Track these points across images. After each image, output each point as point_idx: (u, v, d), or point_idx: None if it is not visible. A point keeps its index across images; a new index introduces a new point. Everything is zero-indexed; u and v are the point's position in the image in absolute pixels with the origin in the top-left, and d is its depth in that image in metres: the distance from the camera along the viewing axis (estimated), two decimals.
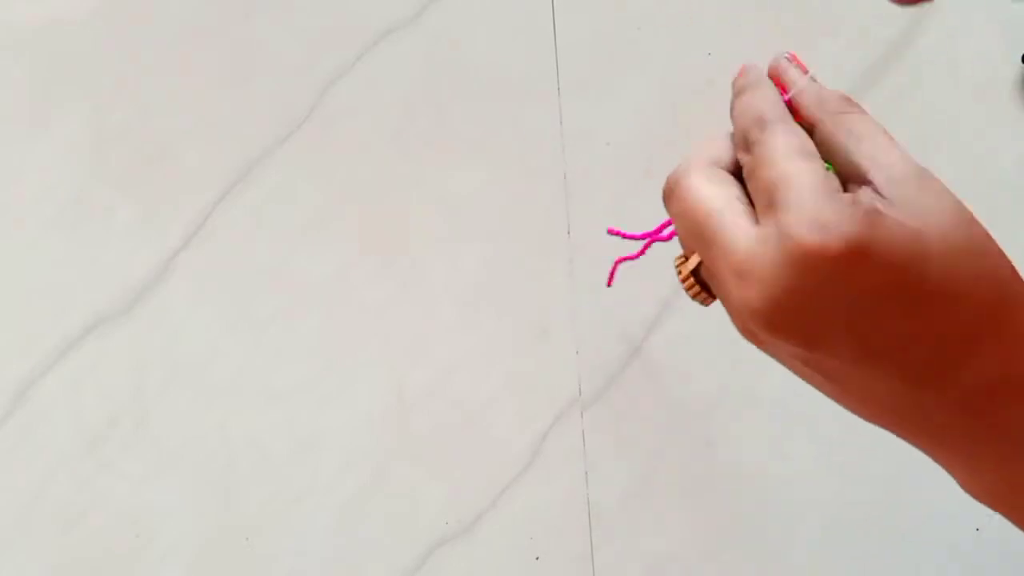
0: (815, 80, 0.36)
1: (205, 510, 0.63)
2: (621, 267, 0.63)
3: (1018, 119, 0.67)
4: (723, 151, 0.36)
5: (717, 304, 0.38)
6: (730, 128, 0.37)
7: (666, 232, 0.40)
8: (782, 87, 0.37)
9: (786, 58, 0.37)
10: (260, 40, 0.70)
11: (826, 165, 0.34)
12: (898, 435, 0.35)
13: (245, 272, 0.66)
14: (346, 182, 0.68)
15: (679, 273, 0.36)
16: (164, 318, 0.66)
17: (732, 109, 0.37)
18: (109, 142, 0.68)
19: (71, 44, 0.70)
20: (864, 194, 0.32)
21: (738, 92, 0.37)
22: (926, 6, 0.68)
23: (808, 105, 0.35)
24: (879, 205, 0.32)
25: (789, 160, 0.33)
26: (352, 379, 0.65)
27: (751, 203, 0.34)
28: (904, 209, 0.32)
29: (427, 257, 0.66)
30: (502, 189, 0.67)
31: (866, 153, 0.33)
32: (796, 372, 0.36)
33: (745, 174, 0.35)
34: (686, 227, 0.35)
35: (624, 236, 0.39)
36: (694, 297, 0.37)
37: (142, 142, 0.68)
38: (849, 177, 0.34)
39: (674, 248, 0.37)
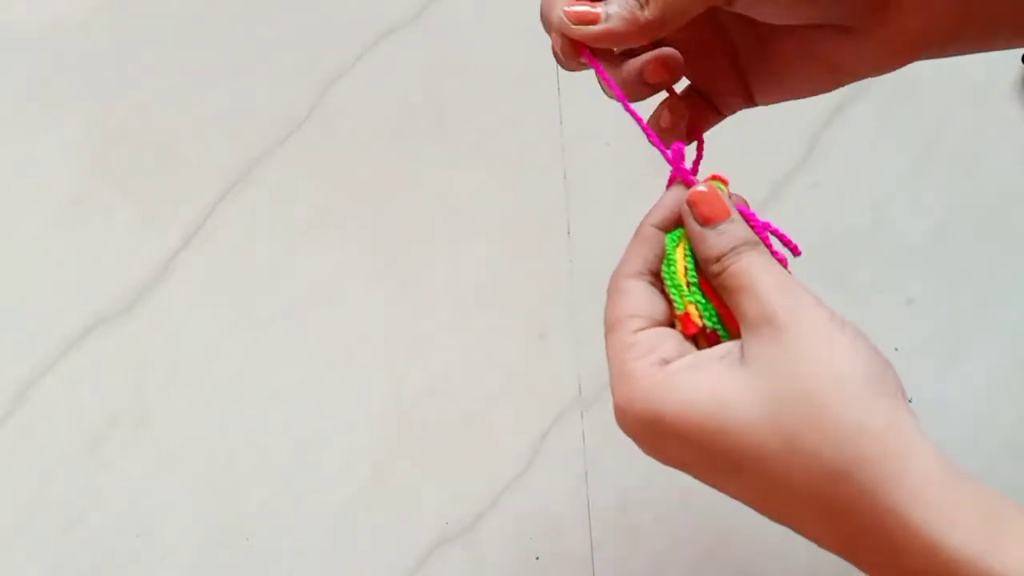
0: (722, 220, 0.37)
1: (205, 510, 0.63)
2: None
3: (1018, 119, 0.67)
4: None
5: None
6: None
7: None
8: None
9: (701, 188, 0.38)
10: (260, 40, 0.70)
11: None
12: None
13: (245, 272, 0.66)
14: (346, 182, 0.68)
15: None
16: (164, 318, 0.66)
17: None
18: (109, 142, 0.68)
19: (71, 44, 0.70)
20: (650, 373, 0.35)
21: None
22: None
23: (700, 258, 0.38)
24: (656, 384, 0.34)
25: (606, 334, 0.37)
26: (352, 379, 0.65)
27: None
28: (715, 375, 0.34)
29: (427, 257, 0.66)
30: (502, 189, 0.67)
31: (734, 307, 0.36)
32: None
33: None
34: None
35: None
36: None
37: (142, 142, 0.68)
38: None
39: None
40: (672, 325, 0.38)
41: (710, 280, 0.37)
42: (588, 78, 0.43)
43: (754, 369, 0.33)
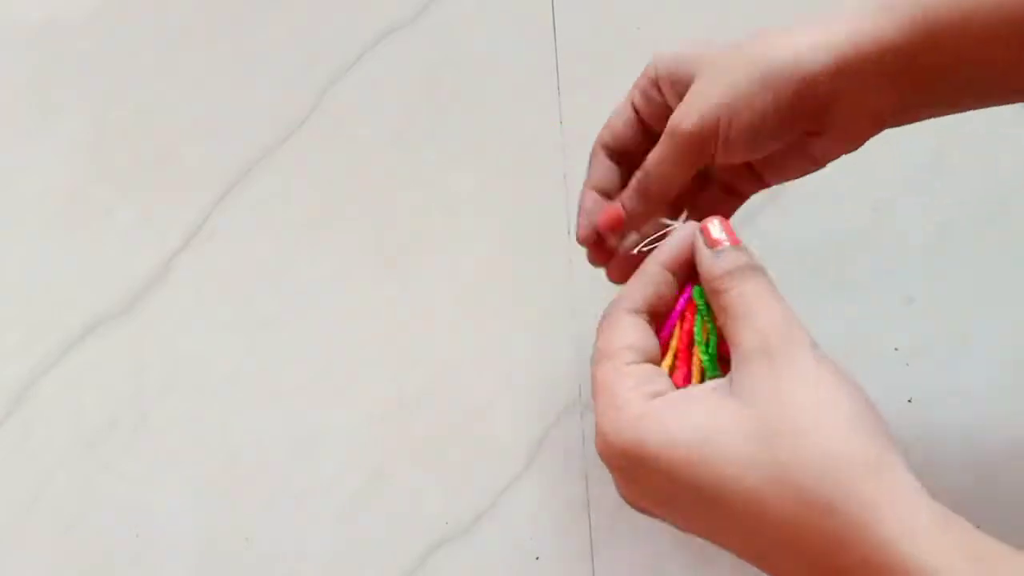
0: (720, 246, 0.40)
1: (205, 510, 0.63)
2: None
3: (1018, 119, 0.67)
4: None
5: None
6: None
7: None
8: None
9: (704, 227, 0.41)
10: (260, 40, 0.70)
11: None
12: None
13: (245, 272, 0.66)
14: (346, 182, 0.68)
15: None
16: (164, 318, 0.66)
17: None
18: (109, 142, 0.68)
19: (71, 44, 0.70)
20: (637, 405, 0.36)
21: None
22: None
23: (702, 277, 0.40)
24: (644, 413, 0.35)
25: (596, 363, 0.39)
26: (352, 379, 0.65)
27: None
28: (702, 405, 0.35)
29: (427, 257, 0.66)
30: (502, 189, 0.67)
31: (730, 332, 0.37)
32: None
33: None
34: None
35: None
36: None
37: (142, 142, 0.68)
38: None
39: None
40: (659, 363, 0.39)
41: (710, 297, 0.38)
42: (589, 78, 0.43)
43: (743, 399, 0.34)
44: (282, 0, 0.70)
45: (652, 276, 0.40)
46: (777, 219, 0.65)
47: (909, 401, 0.63)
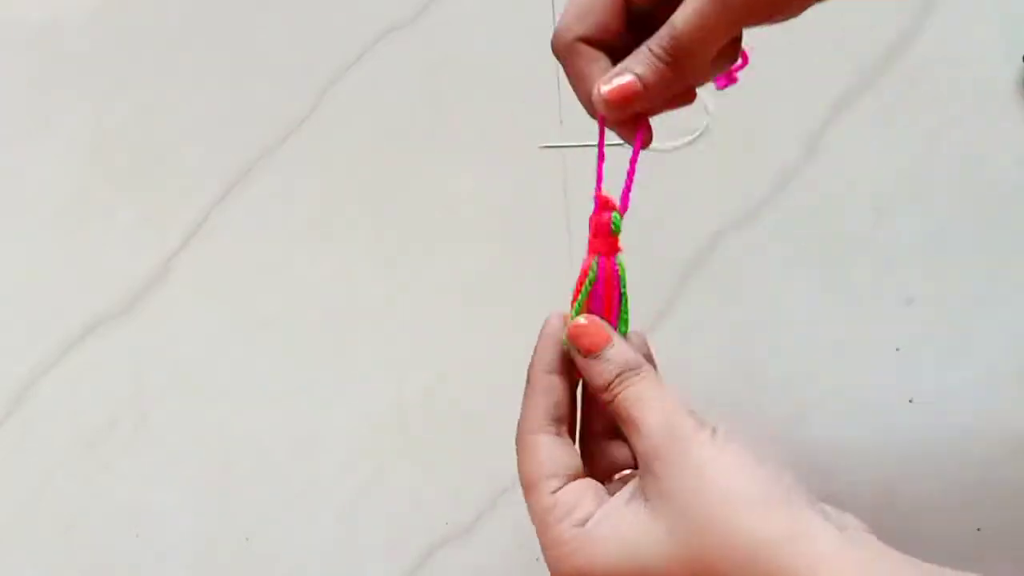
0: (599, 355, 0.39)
1: (205, 510, 0.63)
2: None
3: (1018, 119, 0.67)
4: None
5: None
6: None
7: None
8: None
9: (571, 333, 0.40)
10: (260, 40, 0.70)
11: None
12: None
13: (245, 272, 0.66)
14: (346, 182, 0.68)
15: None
16: (164, 318, 0.66)
17: None
18: (109, 142, 0.68)
19: (71, 44, 0.70)
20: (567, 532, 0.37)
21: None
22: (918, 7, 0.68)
23: (590, 388, 0.40)
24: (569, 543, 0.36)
25: (525, 497, 0.40)
26: (352, 379, 0.65)
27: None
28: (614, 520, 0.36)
29: (427, 257, 0.66)
30: (502, 189, 0.67)
31: (628, 439, 0.38)
32: None
33: None
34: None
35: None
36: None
37: (142, 142, 0.68)
38: None
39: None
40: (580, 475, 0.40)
41: (606, 406, 0.39)
42: None
43: (655, 509, 0.35)
44: (282, 0, 0.70)
45: (543, 387, 0.41)
46: (777, 219, 0.65)
47: (910, 401, 0.63)
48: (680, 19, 0.37)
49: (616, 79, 0.39)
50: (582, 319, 0.40)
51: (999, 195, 0.66)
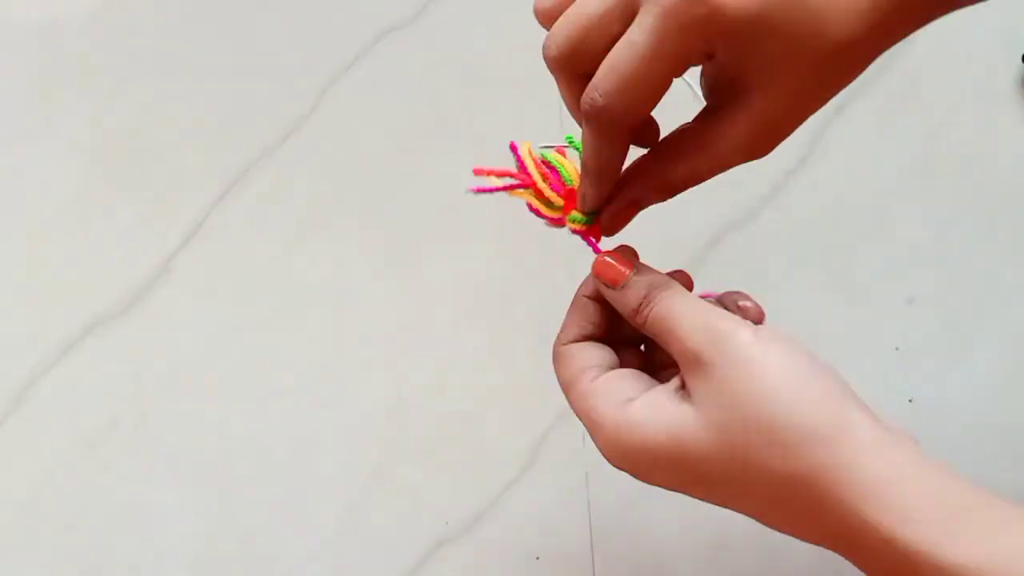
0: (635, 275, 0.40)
1: (205, 510, 0.63)
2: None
3: (1018, 119, 0.67)
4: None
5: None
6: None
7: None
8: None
9: (607, 259, 0.41)
10: (260, 40, 0.70)
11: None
12: None
13: (245, 272, 0.66)
14: (345, 182, 0.68)
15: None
16: (164, 318, 0.66)
17: None
18: (109, 142, 0.68)
19: (71, 44, 0.70)
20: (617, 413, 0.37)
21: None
22: None
23: (624, 316, 0.40)
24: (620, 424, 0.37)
25: (565, 394, 0.40)
26: (352, 379, 0.65)
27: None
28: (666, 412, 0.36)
29: (427, 257, 0.66)
30: None
31: (668, 351, 0.38)
32: None
33: None
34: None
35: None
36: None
37: (142, 142, 0.68)
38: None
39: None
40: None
41: (639, 331, 0.40)
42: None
43: (698, 404, 0.35)
44: (282, 0, 0.70)
45: (583, 307, 0.43)
46: (778, 220, 0.65)
47: (910, 401, 0.63)
48: (724, 148, 0.40)
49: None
50: (608, 258, 0.41)
51: (999, 195, 0.66)
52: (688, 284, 0.42)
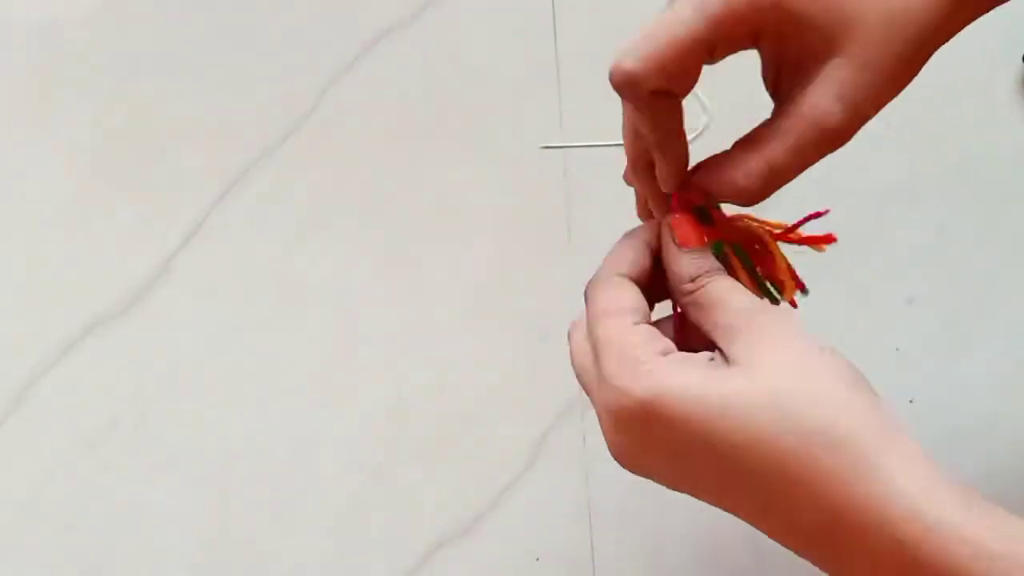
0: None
1: (205, 510, 0.63)
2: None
3: (1018, 119, 0.67)
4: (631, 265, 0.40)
5: None
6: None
7: None
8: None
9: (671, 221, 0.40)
10: (260, 40, 0.70)
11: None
12: None
13: (245, 272, 0.66)
14: (346, 182, 0.67)
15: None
16: (164, 318, 0.66)
17: None
18: (109, 142, 0.68)
19: (71, 44, 0.70)
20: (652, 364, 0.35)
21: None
22: None
23: (671, 276, 0.39)
24: (663, 373, 0.35)
25: (598, 322, 0.37)
26: (352, 379, 0.65)
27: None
28: (723, 379, 0.34)
29: (427, 257, 0.66)
30: (502, 189, 0.67)
31: (708, 323, 0.37)
32: None
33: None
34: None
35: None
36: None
37: (142, 142, 0.68)
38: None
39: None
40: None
41: (678, 297, 0.39)
42: (589, 78, 0.42)
43: (742, 370, 0.34)
44: (282, 0, 0.70)
45: (638, 245, 0.40)
46: (777, 219, 0.65)
47: (910, 401, 0.63)
48: (774, 151, 0.38)
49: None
50: (686, 218, 0.39)
51: (999, 195, 0.66)
52: None
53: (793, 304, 0.42)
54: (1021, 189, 0.66)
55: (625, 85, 0.36)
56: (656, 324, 0.39)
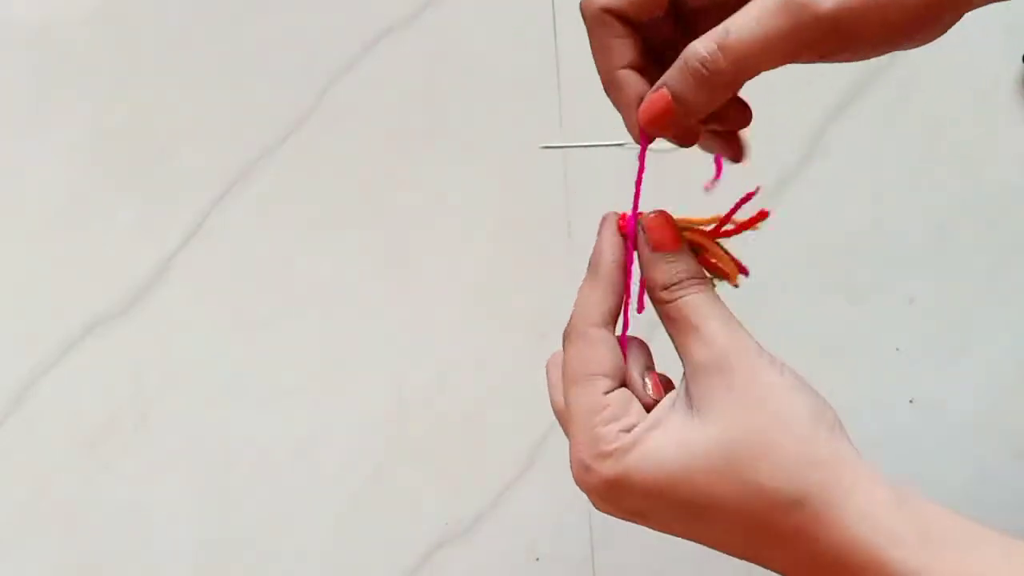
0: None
1: (205, 510, 0.63)
2: None
3: (1018, 119, 0.67)
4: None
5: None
6: None
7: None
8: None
9: (647, 219, 0.39)
10: (260, 40, 0.70)
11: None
12: None
13: (245, 272, 0.66)
14: (345, 182, 0.68)
15: None
16: (164, 318, 0.66)
17: None
18: (109, 142, 0.68)
19: (71, 44, 0.70)
20: (618, 438, 0.36)
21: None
22: None
23: (647, 282, 0.39)
24: (629, 445, 0.35)
25: (569, 388, 0.38)
26: (352, 379, 0.65)
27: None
28: (666, 434, 0.35)
29: (427, 257, 0.66)
30: (502, 189, 0.67)
31: (678, 343, 0.37)
32: None
33: None
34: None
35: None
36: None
37: (142, 142, 0.68)
38: None
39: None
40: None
41: (655, 304, 0.38)
42: (589, 78, 0.42)
43: (706, 416, 0.35)
44: (282, 0, 0.70)
45: (612, 283, 0.39)
46: (779, 220, 0.65)
47: (910, 401, 0.63)
48: (736, 26, 0.34)
49: (649, 95, 0.38)
50: (653, 214, 0.39)
51: (999, 195, 0.66)
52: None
53: (736, 285, 0.41)
54: (1021, 189, 0.66)
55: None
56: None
